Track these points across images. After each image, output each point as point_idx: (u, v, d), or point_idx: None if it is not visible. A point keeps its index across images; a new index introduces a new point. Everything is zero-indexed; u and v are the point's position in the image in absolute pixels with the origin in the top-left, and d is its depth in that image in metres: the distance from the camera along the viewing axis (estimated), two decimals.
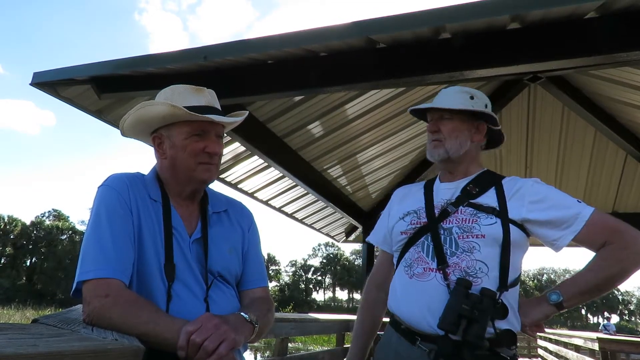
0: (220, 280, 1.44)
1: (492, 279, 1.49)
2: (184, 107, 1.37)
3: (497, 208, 1.56)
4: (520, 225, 1.55)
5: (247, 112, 1.54)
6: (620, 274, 1.47)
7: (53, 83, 2.96)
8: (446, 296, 1.47)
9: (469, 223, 1.56)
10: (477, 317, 1.39)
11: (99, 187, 1.38)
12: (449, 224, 1.60)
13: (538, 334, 1.61)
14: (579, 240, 1.51)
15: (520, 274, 1.60)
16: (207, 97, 1.45)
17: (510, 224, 1.53)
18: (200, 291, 1.36)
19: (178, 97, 1.42)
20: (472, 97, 1.72)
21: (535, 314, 1.53)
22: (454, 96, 1.71)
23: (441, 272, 1.53)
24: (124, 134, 1.51)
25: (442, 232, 1.60)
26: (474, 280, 1.48)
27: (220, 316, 1.19)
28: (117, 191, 1.34)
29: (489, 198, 1.60)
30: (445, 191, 1.71)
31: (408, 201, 1.79)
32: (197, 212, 1.48)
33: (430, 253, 1.59)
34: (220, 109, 1.48)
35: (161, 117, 1.39)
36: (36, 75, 2.93)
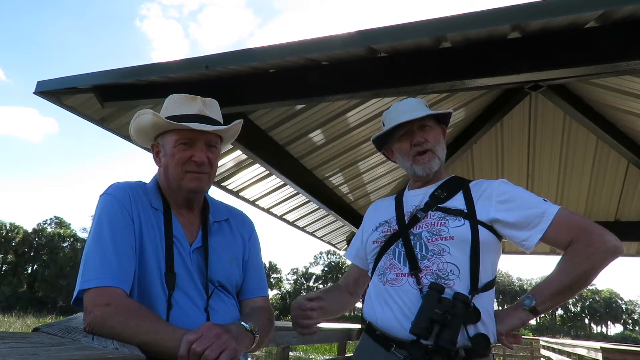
0: (221, 289, 1.43)
1: (464, 282, 1.48)
2: (175, 115, 1.39)
3: (465, 210, 1.56)
4: (490, 227, 1.55)
5: (241, 120, 1.54)
6: (589, 272, 1.45)
7: (56, 92, 2.98)
8: (419, 300, 1.46)
9: (437, 226, 1.56)
10: (449, 321, 1.38)
11: (100, 196, 1.38)
12: (418, 229, 1.60)
13: (515, 345, 1.57)
14: (546, 240, 1.50)
15: (494, 277, 1.58)
16: (199, 105, 1.45)
17: (479, 225, 1.53)
18: (201, 300, 1.36)
19: (173, 105, 1.44)
20: (426, 106, 1.77)
21: (511, 321, 1.51)
22: (419, 106, 1.73)
23: (413, 276, 1.52)
24: (135, 143, 1.54)
25: (412, 237, 1.60)
26: (446, 283, 1.47)
27: (221, 325, 1.18)
28: (119, 200, 1.34)
29: (456, 201, 1.61)
30: (414, 198, 1.73)
31: (380, 213, 1.80)
32: (198, 221, 1.48)
33: (402, 258, 1.59)
34: (216, 117, 1.48)
35: (150, 126, 1.42)
36: (40, 84, 2.96)
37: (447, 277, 1.49)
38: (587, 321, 76.85)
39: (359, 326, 6.02)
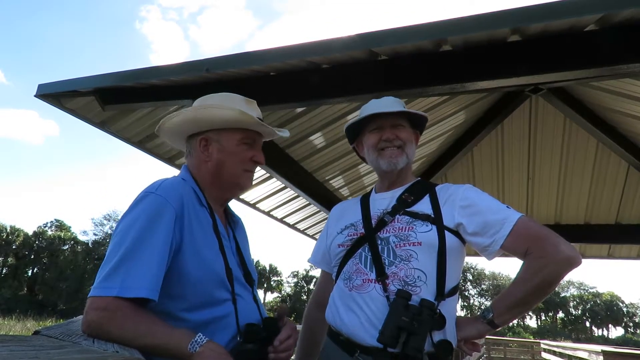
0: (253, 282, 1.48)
1: (431, 288, 1.47)
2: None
3: (432, 215, 1.55)
4: (456, 232, 1.53)
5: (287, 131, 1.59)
6: (542, 284, 1.40)
7: (57, 94, 2.99)
8: (386, 307, 1.44)
9: (405, 231, 1.54)
10: (417, 329, 1.37)
11: (149, 193, 1.27)
12: (386, 233, 1.58)
13: (474, 352, 1.56)
14: (505, 248, 1.46)
15: (458, 283, 1.57)
16: (258, 109, 1.52)
17: (445, 231, 1.52)
18: (247, 292, 1.39)
19: (234, 105, 1.45)
20: (403, 106, 1.75)
21: (469, 331, 1.51)
22: (396, 104, 1.72)
23: (380, 283, 1.49)
24: (161, 130, 1.48)
25: (379, 242, 1.57)
26: (413, 290, 1.46)
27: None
28: (169, 203, 1.25)
29: (423, 205, 1.59)
30: (381, 201, 1.70)
31: (346, 216, 1.77)
32: (224, 217, 1.51)
33: (369, 264, 1.56)
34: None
35: (223, 121, 1.41)
36: (41, 87, 2.96)
37: (415, 283, 1.47)
38: (588, 324, 76.65)
39: None
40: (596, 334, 75.21)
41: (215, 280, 1.28)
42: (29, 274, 62.47)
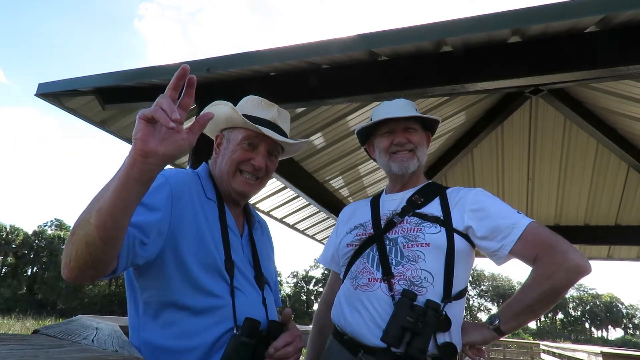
0: (266, 285, 1.45)
1: (437, 289, 1.47)
2: (250, 115, 1.41)
3: (442, 217, 1.54)
4: (465, 235, 1.53)
5: (309, 140, 1.57)
6: (550, 292, 1.37)
7: (57, 94, 2.99)
8: (391, 307, 1.44)
9: (413, 232, 1.53)
10: (421, 330, 1.36)
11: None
12: (394, 234, 1.57)
13: (479, 358, 1.54)
14: (514, 253, 1.45)
15: (466, 286, 1.56)
16: (273, 113, 1.48)
17: (454, 233, 1.51)
18: (255, 293, 1.36)
19: (250, 106, 1.47)
20: (415, 109, 1.75)
21: (474, 336, 1.50)
22: (408, 108, 1.71)
23: (386, 282, 1.49)
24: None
25: (387, 242, 1.57)
26: (419, 291, 1.45)
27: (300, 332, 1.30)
28: (170, 184, 1.26)
29: (433, 208, 1.59)
30: (391, 202, 1.70)
31: (356, 217, 1.77)
32: (242, 216, 1.50)
33: (375, 263, 1.55)
34: (285, 129, 1.50)
35: (224, 118, 1.43)
36: (41, 86, 2.97)
37: (421, 284, 1.46)
38: (587, 325, 76.66)
39: None
40: (595, 335, 75.21)
41: (207, 266, 1.26)
42: (29, 273, 62.45)
